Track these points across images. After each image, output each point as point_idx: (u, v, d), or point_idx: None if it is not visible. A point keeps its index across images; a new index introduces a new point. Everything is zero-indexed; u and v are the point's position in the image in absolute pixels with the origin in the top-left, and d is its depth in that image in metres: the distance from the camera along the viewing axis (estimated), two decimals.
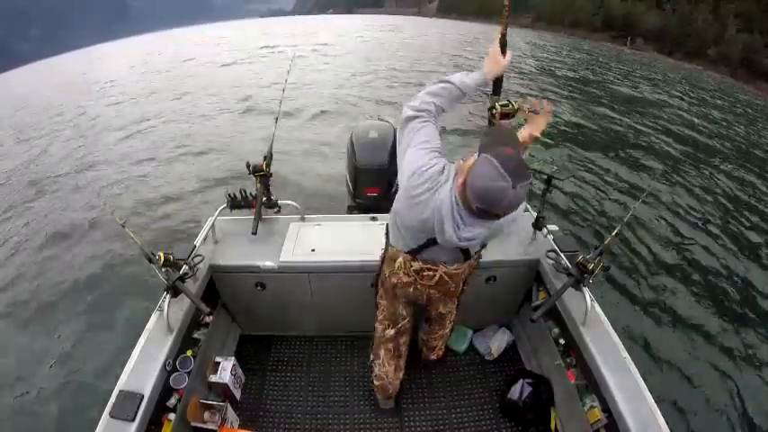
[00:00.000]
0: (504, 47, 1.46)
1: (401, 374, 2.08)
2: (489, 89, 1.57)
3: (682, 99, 14.35)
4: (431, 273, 1.58)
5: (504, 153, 1.13)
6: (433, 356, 2.20)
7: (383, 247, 1.74)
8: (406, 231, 1.51)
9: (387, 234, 1.70)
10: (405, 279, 1.64)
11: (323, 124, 8.68)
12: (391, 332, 1.93)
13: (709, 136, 9.90)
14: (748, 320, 4.04)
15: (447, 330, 2.11)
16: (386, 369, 2.04)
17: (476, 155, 1.20)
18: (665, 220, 5.65)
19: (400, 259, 1.60)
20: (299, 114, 9.16)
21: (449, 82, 1.42)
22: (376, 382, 2.12)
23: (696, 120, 11.37)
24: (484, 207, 1.16)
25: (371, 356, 2.12)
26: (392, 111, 9.81)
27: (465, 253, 1.54)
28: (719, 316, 4.04)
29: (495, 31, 1.50)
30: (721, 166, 7.99)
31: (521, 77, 15.18)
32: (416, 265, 1.57)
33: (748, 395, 3.22)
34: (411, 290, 1.68)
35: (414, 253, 1.55)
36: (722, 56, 28.14)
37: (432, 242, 1.45)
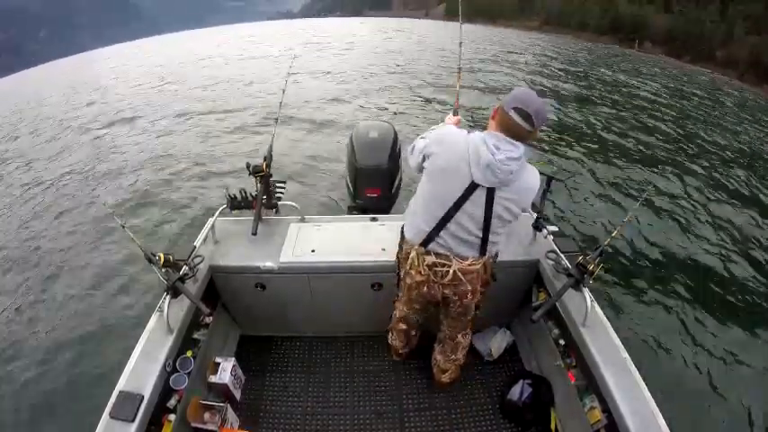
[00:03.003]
0: (456, 111, 2.00)
1: (410, 346, 2.34)
2: None
3: (686, 101, 14.24)
4: (444, 269, 1.63)
5: None
6: (446, 379, 2.24)
7: (397, 248, 1.83)
8: (432, 197, 1.57)
9: (402, 233, 1.76)
10: (418, 278, 1.71)
11: (323, 125, 8.67)
12: (403, 326, 2.17)
13: (713, 138, 9.79)
14: (750, 321, 3.98)
15: (460, 357, 2.16)
16: (396, 342, 2.31)
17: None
18: (666, 220, 5.59)
19: (413, 254, 1.67)
20: (299, 115, 9.16)
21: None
22: (389, 341, 2.37)
23: (700, 122, 11.25)
24: (520, 105, 1.39)
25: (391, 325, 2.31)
26: (394, 110, 9.84)
27: (481, 248, 1.60)
28: (721, 316, 3.99)
29: (503, 33, 1.79)
30: (724, 168, 7.90)
31: (524, 75, 15.19)
32: (429, 259, 1.63)
33: (750, 395, 3.17)
34: (425, 289, 1.74)
35: (426, 243, 1.61)
36: (730, 59, 27.90)
37: (447, 218, 1.54)
